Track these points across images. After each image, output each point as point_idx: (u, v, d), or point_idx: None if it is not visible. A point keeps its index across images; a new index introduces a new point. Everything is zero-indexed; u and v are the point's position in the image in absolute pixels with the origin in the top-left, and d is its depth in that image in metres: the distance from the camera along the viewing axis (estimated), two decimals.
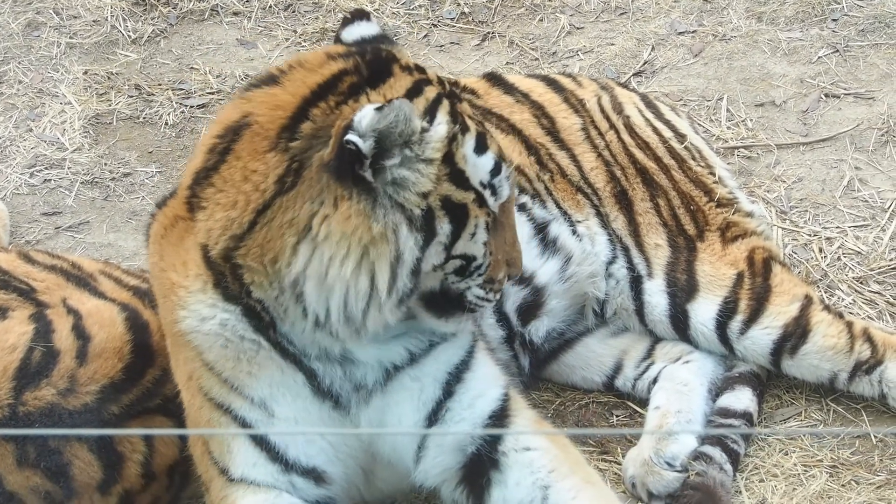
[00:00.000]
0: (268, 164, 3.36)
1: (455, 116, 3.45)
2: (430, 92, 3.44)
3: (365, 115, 3.23)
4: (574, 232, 4.45)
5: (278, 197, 3.35)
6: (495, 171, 3.50)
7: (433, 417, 3.66)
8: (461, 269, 3.52)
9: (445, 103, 3.44)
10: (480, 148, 3.48)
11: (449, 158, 3.40)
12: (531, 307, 4.39)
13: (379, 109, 3.22)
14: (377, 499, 3.93)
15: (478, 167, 3.47)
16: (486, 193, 3.48)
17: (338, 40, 3.68)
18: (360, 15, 3.74)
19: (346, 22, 3.71)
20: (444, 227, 3.42)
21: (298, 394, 3.60)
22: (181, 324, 3.58)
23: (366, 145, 3.23)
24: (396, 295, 3.40)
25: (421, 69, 3.53)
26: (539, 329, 4.41)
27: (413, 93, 3.41)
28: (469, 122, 3.50)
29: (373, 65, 3.44)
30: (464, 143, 3.44)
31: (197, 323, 3.56)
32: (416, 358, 3.64)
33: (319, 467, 3.66)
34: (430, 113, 3.39)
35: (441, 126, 3.38)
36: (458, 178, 3.43)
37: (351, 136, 3.23)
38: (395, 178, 3.32)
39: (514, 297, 4.35)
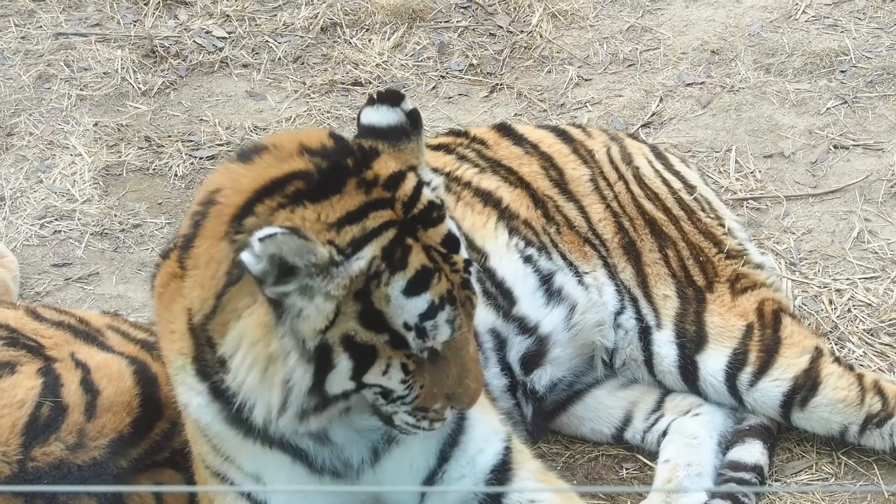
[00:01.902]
0: (221, 252, 3.31)
1: (391, 252, 3.23)
2: (374, 220, 3.23)
3: (254, 240, 3.10)
4: (580, 282, 4.45)
5: (228, 287, 3.31)
6: (429, 314, 3.26)
7: (430, 482, 3.63)
8: (383, 395, 3.36)
9: (386, 235, 3.24)
10: (414, 289, 3.24)
11: (363, 296, 3.21)
12: (534, 356, 4.37)
13: (262, 240, 3.07)
14: None
15: (403, 309, 3.24)
16: (410, 336, 3.26)
17: (358, 118, 3.49)
18: (385, 98, 3.47)
19: (370, 101, 3.48)
20: (342, 363, 3.26)
21: (292, 471, 3.58)
22: (179, 394, 3.59)
23: (257, 268, 3.11)
24: (294, 411, 3.32)
25: (391, 183, 3.32)
26: (542, 377, 4.39)
27: (349, 218, 3.22)
28: (412, 257, 3.25)
29: (326, 175, 3.27)
30: (389, 283, 3.22)
31: (186, 400, 3.56)
32: (395, 437, 3.57)
33: None
34: (354, 245, 3.20)
35: (358, 262, 3.19)
36: (371, 318, 3.23)
37: (243, 256, 3.12)
38: (293, 304, 3.20)
39: (517, 346, 4.35)
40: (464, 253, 3.38)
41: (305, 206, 3.22)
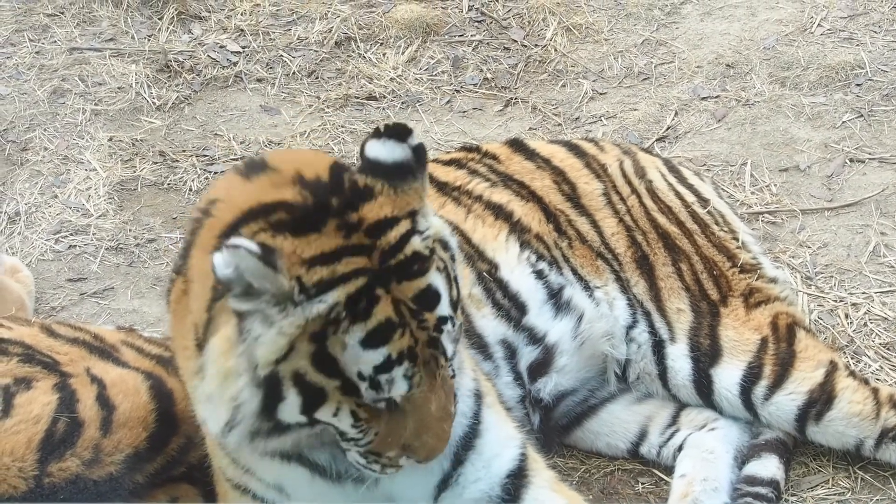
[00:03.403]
0: (209, 266, 3.26)
1: (356, 301, 3.19)
2: (345, 266, 3.19)
3: (224, 245, 3.12)
4: (591, 296, 4.46)
5: (214, 302, 3.33)
6: (384, 368, 3.21)
7: (444, 484, 3.64)
8: (338, 433, 3.34)
9: (354, 283, 3.19)
10: (372, 342, 3.19)
11: (319, 339, 3.18)
12: (540, 365, 4.39)
13: (229, 248, 3.09)
14: None
15: (359, 359, 3.19)
16: (363, 385, 3.22)
17: (362, 149, 3.39)
18: (392, 132, 3.36)
19: (377, 134, 3.37)
20: (291, 397, 3.24)
21: (312, 483, 3.59)
22: (196, 409, 3.58)
23: (223, 272, 3.11)
24: (244, 431, 3.31)
25: (374, 230, 3.25)
26: (547, 385, 4.40)
27: (322, 259, 3.18)
28: (378, 309, 3.20)
29: (309, 211, 3.24)
30: (348, 331, 3.18)
31: (203, 416, 3.54)
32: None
33: None
34: (319, 287, 3.16)
35: (319, 305, 3.16)
36: (323, 361, 3.20)
37: (214, 258, 3.13)
38: (252, 327, 3.19)
39: (526, 356, 4.36)
40: (441, 310, 3.30)
41: (285, 237, 3.20)
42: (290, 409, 3.26)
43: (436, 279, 3.30)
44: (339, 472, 3.58)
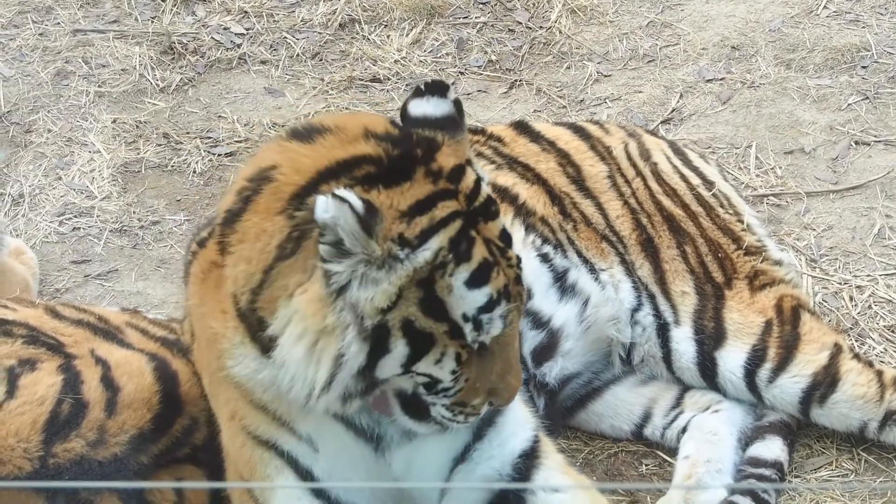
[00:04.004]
0: (275, 226, 3.34)
1: (457, 243, 3.27)
2: (441, 210, 3.27)
3: (321, 207, 3.15)
4: (596, 279, 4.47)
5: (279, 262, 3.34)
6: (487, 308, 3.32)
7: (461, 458, 3.67)
8: (427, 385, 3.41)
9: (453, 226, 3.27)
10: (477, 282, 3.29)
11: (427, 284, 3.25)
12: (545, 349, 4.40)
13: (335, 197, 3.13)
14: None
15: (465, 300, 3.29)
16: (467, 328, 3.32)
17: (404, 109, 3.48)
18: (433, 89, 3.46)
19: (417, 93, 3.47)
20: (398, 348, 3.30)
21: (340, 436, 3.61)
22: (230, 370, 3.58)
23: (325, 215, 3.15)
24: (336, 391, 3.34)
25: (454, 175, 3.34)
26: (552, 370, 4.41)
27: (419, 207, 3.25)
28: (476, 249, 3.30)
29: (396, 162, 3.29)
30: (454, 274, 3.27)
31: (249, 372, 3.55)
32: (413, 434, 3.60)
33: None
34: (422, 236, 3.23)
35: (425, 253, 3.23)
36: (432, 306, 3.28)
37: (318, 201, 3.16)
38: (354, 278, 3.23)
39: (530, 340, 4.36)
40: (516, 248, 3.44)
41: (379, 191, 3.24)
42: (393, 362, 3.31)
43: (505, 221, 3.42)
44: (374, 435, 3.62)
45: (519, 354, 3.48)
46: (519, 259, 3.42)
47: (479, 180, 3.40)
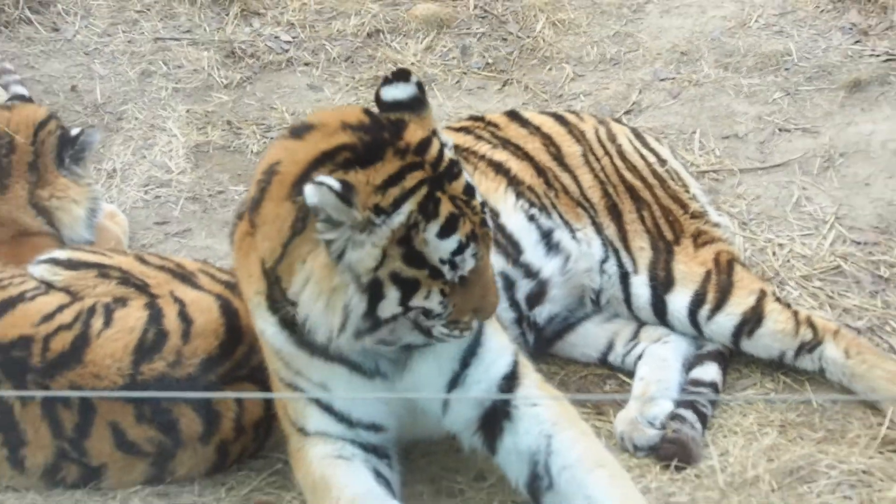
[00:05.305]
0: (285, 210, 3.35)
1: (425, 205, 3.26)
2: (410, 180, 3.26)
3: (315, 180, 3.17)
4: (573, 237, 4.45)
5: (294, 237, 3.35)
6: (458, 251, 3.31)
7: (454, 383, 3.67)
8: (424, 314, 3.39)
9: (420, 192, 3.27)
10: (446, 232, 3.29)
11: (406, 241, 3.25)
12: (537, 295, 4.39)
13: (316, 183, 3.14)
14: (421, 439, 3.98)
15: (439, 248, 3.29)
16: (445, 269, 3.31)
17: (377, 96, 3.48)
18: (398, 76, 3.45)
19: (386, 82, 3.46)
20: (391, 294, 3.30)
21: (350, 379, 3.62)
22: (256, 324, 3.66)
23: (314, 199, 3.17)
24: (351, 332, 3.36)
25: (420, 148, 3.32)
26: (542, 312, 4.41)
27: (390, 181, 3.24)
28: (442, 207, 3.29)
29: (369, 146, 3.29)
30: (426, 229, 3.26)
31: (263, 328, 3.62)
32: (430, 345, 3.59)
33: (377, 422, 3.71)
34: (395, 203, 3.23)
35: (399, 217, 3.22)
36: (413, 258, 3.27)
37: (306, 189, 3.18)
38: (347, 248, 3.24)
39: (523, 288, 4.36)
40: (478, 197, 3.42)
41: (356, 172, 3.25)
42: (390, 304, 3.32)
43: (467, 177, 3.40)
44: (373, 369, 3.62)
45: (493, 278, 3.49)
46: (483, 204, 3.41)
47: (442, 147, 3.39)
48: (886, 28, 6.33)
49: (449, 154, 3.41)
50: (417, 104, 3.44)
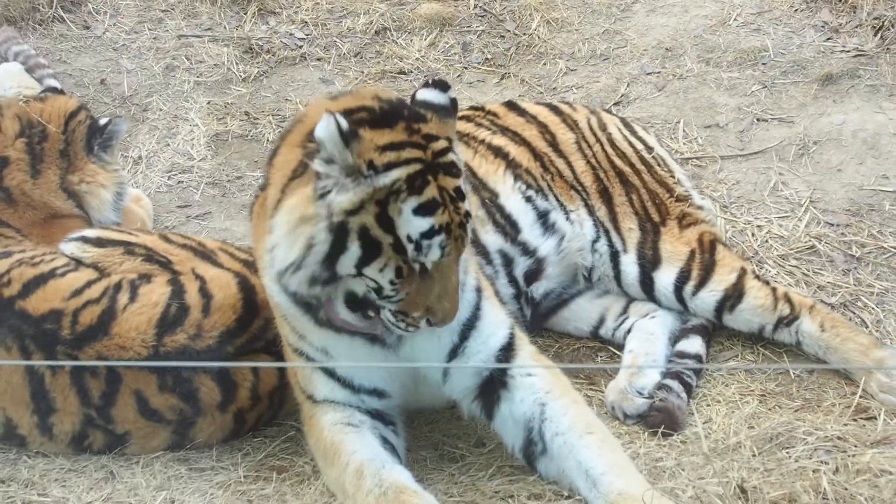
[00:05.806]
0: (293, 155, 3.32)
1: (413, 179, 3.19)
2: (408, 154, 3.21)
3: (320, 126, 3.14)
4: (567, 218, 4.42)
5: (292, 180, 3.31)
6: (428, 234, 3.21)
7: (453, 353, 3.61)
8: (375, 290, 3.29)
9: (413, 167, 3.20)
10: (422, 211, 3.20)
11: (383, 204, 3.17)
12: (534, 273, 4.36)
13: (329, 116, 3.11)
14: (424, 406, 3.94)
15: (410, 224, 3.19)
16: (410, 247, 3.21)
17: (413, 95, 3.43)
18: (437, 84, 3.41)
19: (425, 84, 3.43)
20: (353, 248, 3.20)
21: (352, 343, 3.54)
22: (265, 285, 3.59)
23: (321, 132, 3.13)
24: (307, 274, 3.26)
25: (429, 138, 3.26)
26: (539, 288, 4.38)
27: (391, 147, 3.20)
28: (428, 189, 3.21)
29: (384, 114, 3.26)
30: (405, 201, 3.18)
31: (268, 287, 3.55)
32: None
33: (380, 387, 3.65)
34: (387, 166, 3.17)
35: (385, 178, 3.16)
36: (384, 221, 3.18)
37: (319, 123, 3.15)
38: (332, 184, 3.18)
39: (521, 265, 4.32)
40: (468, 206, 3.32)
41: (365, 129, 3.21)
42: (348, 260, 3.22)
43: (464, 185, 3.32)
44: (373, 337, 3.54)
45: (458, 288, 3.35)
46: (468, 213, 3.31)
47: (449, 147, 3.31)
48: (856, 26, 6.29)
49: (453, 157, 3.33)
50: (444, 112, 3.38)
